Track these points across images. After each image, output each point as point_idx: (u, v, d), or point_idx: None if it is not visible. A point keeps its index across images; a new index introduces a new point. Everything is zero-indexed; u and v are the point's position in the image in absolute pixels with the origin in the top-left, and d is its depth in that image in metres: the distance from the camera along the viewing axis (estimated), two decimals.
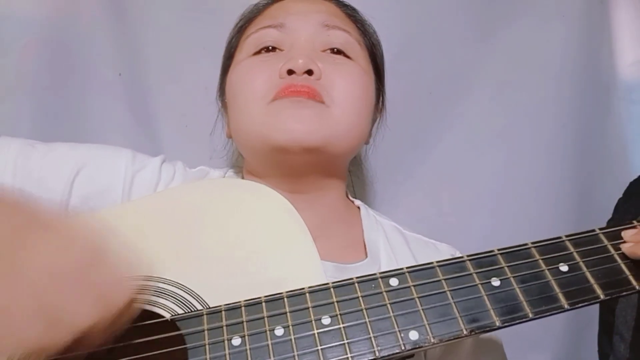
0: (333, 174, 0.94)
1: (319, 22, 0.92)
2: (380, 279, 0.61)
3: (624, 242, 0.62)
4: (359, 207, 0.98)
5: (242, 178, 0.96)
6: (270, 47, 0.92)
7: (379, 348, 0.57)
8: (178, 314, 0.62)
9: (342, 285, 0.61)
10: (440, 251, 0.95)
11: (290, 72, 0.86)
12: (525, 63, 1.27)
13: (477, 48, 1.27)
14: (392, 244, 0.91)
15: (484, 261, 0.62)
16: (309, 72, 0.86)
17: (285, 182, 0.87)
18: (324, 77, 0.87)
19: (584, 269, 0.60)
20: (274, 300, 0.61)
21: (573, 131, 1.27)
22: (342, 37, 0.93)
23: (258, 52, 0.92)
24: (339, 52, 0.92)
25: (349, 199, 1.00)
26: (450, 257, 0.92)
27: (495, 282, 0.60)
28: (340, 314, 0.59)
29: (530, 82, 1.27)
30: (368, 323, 0.58)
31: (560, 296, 0.59)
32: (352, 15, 1.00)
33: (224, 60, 1.01)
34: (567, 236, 0.63)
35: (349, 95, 0.89)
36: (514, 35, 1.27)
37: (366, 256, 0.88)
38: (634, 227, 0.63)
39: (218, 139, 1.10)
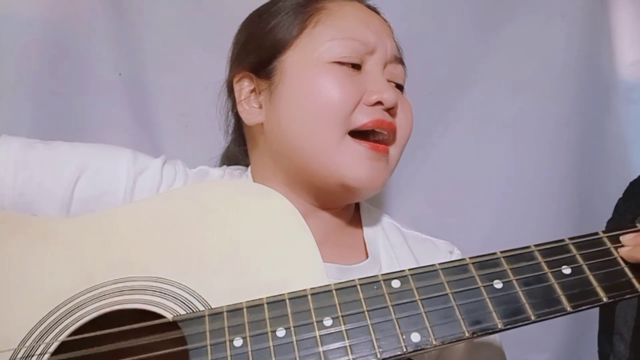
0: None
1: (392, 54, 0.91)
2: (382, 281, 0.61)
3: (623, 245, 0.62)
4: (358, 203, 0.98)
5: (247, 173, 0.95)
6: (355, 64, 0.88)
7: (380, 350, 0.57)
8: (180, 315, 0.62)
9: (344, 287, 0.61)
10: (439, 247, 0.96)
11: (378, 102, 0.85)
12: (525, 63, 1.28)
13: (478, 48, 1.27)
14: (392, 242, 0.91)
15: (487, 263, 0.62)
16: (392, 108, 0.87)
17: (312, 197, 0.89)
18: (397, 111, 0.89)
19: (587, 271, 0.60)
20: (275, 301, 0.61)
21: (573, 131, 1.28)
22: (403, 73, 0.94)
23: (339, 63, 0.86)
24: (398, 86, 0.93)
25: None
26: (449, 253, 0.94)
27: (498, 285, 0.60)
28: (342, 316, 0.59)
29: (531, 82, 1.28)
30: (370, 325, 0.58)
31: (563, 299, 0.59)
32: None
33: (274, 40, 0.91)
34: (570, 239, 0.63)
35: (406, 134, 0.91)
36: (514, 35, 1.27)
37: (367, 256, 0.88)
38: (636, 230, 0.63)
39: (218, 139, 1.10)
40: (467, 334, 0.57)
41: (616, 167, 1.27)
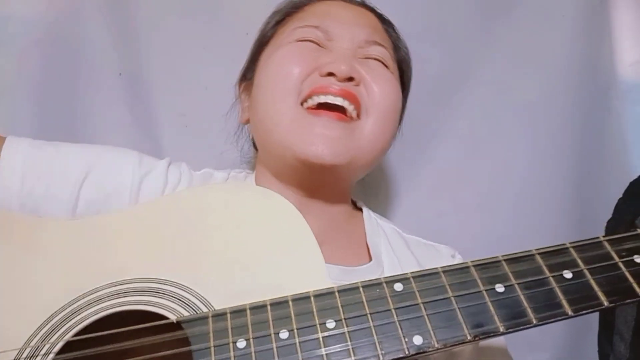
0: (346, 184, 0.95)
1: (361, 38, 0.91)
2: (384, 284, 0.62)
3: (624, 250, 0.62)
4: (361, 209, 0.98)
5: (252, 175, 0.97)
6: (314, 41, 0.91)
7: (383, 352, 0.57)
8: (183, 316, 0.62)
9: (347, 290, 0.62)
10: (441, 252, 0.96)
11: (331, 74, 0.86)
12: (525, 63, 1.28)
13: (478, 48, 1.27)
14: (394, 246, 0.91)
15: (488, 267, 0.62)
16: (350, 79, 0.86)
17: (297, 184, 0.88)
18: (363, 83, 0.88)
19: (588, 276, 0.60)
20: (279, 303, 0.61)
21: (573, 131, 1.28)
22: (381, 51, 0.93)
23: (301, 41, 0.91)
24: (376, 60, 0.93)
25: (352, 201, 1.00)
26: (451, 257, 0.94)
27: (500, 288, 0.60)
28: (345, 318, 0.59)
29: (531, 82, 1.28)
30: (372, 327, 0.59)
31: (565, 303, 0.59)
32: (389, 29, 1.01)
33: (256, 47, 1.00)
34: (571, 243, 0.63)
35: (382, 103, 0.89)
36: (514, 35, 1.27)
37: (370, 259, 0.88)
38: (636, 235, 0.63)
39: (218, 139, 1.10)
40: (469, 337, 0.57)
41: (616, 167, 1.27)
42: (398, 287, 0.61)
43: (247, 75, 0.99)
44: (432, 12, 1.27)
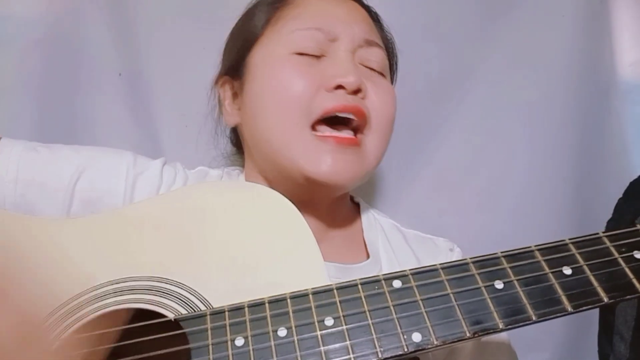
0: (345, 193, 0.96)
1: (362, 37, 0.89)
2: (383, 281, 0.61)
3: (624, 246, 0.62)
4: (358, 204, 0.98)
5: (242, 174, 0.97)
6: (314, 54, 0.87)
7: (381, 349, 0.57)
8: (181, 314, 0.62)
9: (345, 287, 0.61)
10: (439, 246, 0.96)
11: (339, 87, 0.84)
12: (525, 63, 1.28)
13: (478, 48, 1.27)
14: (392, 242, 0.91)
15: (488, 263, 0.62)
16: (359, 91, 0.85)
17: (294, 192, 0.83)
18: (367, 94, 0.87)
19: (588, 272, 0.60)
20: (277, 301, 0.61)
21: (573, 131, 1.28)
22: (380, 56, 0.92)
23: (300, 54, 0.87)
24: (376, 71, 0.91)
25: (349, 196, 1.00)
26: (449, 250, 0.94)
27: (499, 285, 0.60)
28: (344, 315, 0.59)
29: (531, 82, 1.27)
30: (371, 324, 0.58)
31: (564, 299, 0.58)
32: (377, 22, 0.99)
33: (242, 41, 0.95)
34: (570, 239, 0.63)
35: (385, 118, 0.89)
36: (514, 35, 1.27)
37: (368, 256, 0.88)
38: (635, 230, 0.63)
39: (218, 139, 1.10)
40: (468, 334, 0.57)
41: (616, 167, 1.27)
42: (397, 284, 0.61)
43: (231, 72, 0.96)
44: (431, 12, 1.27)
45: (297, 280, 0.64)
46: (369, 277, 0.62)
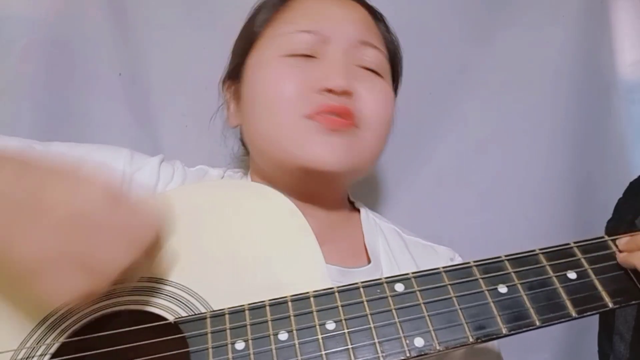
0: (342, 189, 0.95)
1: (356, 38, 0.89)
2: (385, 284, 0.61)
3: (620, 251, 0.62)
4: (359, 210, 0.97)
5: (248, 176, 0.96)
6: (305, 54, 0.88)
7: (383, 354, 0.57)
8: (181, 317, 0.62)
9: (347, 290, 0.61)
10: (439, 254, 0.95)
11: (328, 90, 0.84)
12: (525, 63, 1.28)
13: (478, 48, 1.27)
14: (392, 248, 0.91)
15: (491, 267, 0.62)
16: (347, 93, 0.84)
17: (293, 189, 0.85)
18: (358, 96, 0.86)
19: (592, 276, 0.60)
20: (278, 304, 0.61)
21: (573, 131, 1.28)
22: (375, 56, 0.91)
23: (290, 55, 0.88)
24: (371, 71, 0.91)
25: (349, 200, 1.00)
26: (449, 259, 0.93)
27: (502, 289, 0.60)
28: (345, 319, 0.59)
29: (531, 82, 1.28)
30: (373, 328, 0.58)
31: (568, 304, 0.58)
32: (380, 23, 0.98)
33: (243, 43, 0.96)
34: (575, 243, 0.63)
35: (379, 117, 0.88)
36: (514, 35, 1.27)
37: (369, 261, 0.88)
38: (635, 234, 0.63)
39: (218, 139, 1.10)
40: (471, 339, 0.57)
41: (616, 167, 1.27)
42: (399, 287, 0.61)
43: (233, 75, 0.97)
44: (431, 11, 1.27)
45: (298, 281, 0.64)
46: (371, 280, 0.62)
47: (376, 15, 0.99)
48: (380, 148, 0.91)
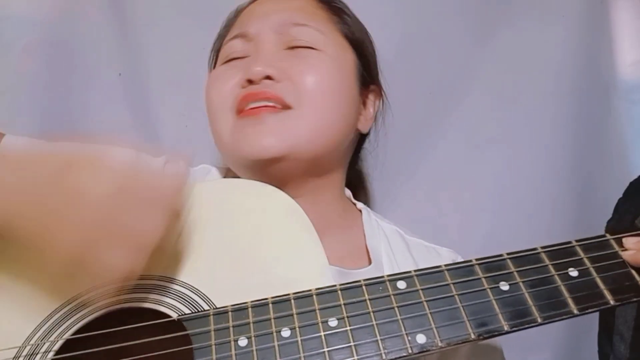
0: (320, 174, 0.91)
1: (278, 24, 0.90)
2: (387, 282, 0.61)
3: (626, 249, 0.62)
4: (360, 211, 0.97)
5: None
6: (239, 57, 0.92)
7: (385, 351, 0.57)
8: (185, 314, 0.62)
9: (350, 288, 0.62)
10: (442, 256, 0.95)
11: (250, 81, 0.86)
12: (525, 63, 1.27)
13: (478, 48, 1.27)
14: (394, 250, 0.91)
15: (493, 265, 0.62)
16: (269, 78, 0.85)
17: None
18: (289, 75, 0.86)
19: (594, 274, 0.60)
20: (280, 301, 0.61)
21: (573, 131, 1.27)
22: (308, 33, 0.90)
23: (227, 62, 0.93)
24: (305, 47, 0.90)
25: (351, 201, 1.00)
26: (452, 262, 0.93)
27: (504, 287, 0.60)
28: (348, 316, 0.59)
29: (531, 82, 1.27)
30: (375, 326, 0.59)
31: (570, 301, 0.59)
32: (329, 7, 0.97)
33: (212, 58, 1.04)
34: (577, 241, 0.63)
35: (318, 88, 0.87)
36: (514, 35, 1.27)
37: (370, 262, 0.87)
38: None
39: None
40: (472, 336, 0.57)
41: (616, 167, 1.27)
42: (401, 285, 0.61)
43: None
44: (430, 12, 1.27)
45: (301, 279, 0.64)
46: (374, 278, 0.62)
47: (323, 2, 0.97)
48: (325, 125, 0.88)
